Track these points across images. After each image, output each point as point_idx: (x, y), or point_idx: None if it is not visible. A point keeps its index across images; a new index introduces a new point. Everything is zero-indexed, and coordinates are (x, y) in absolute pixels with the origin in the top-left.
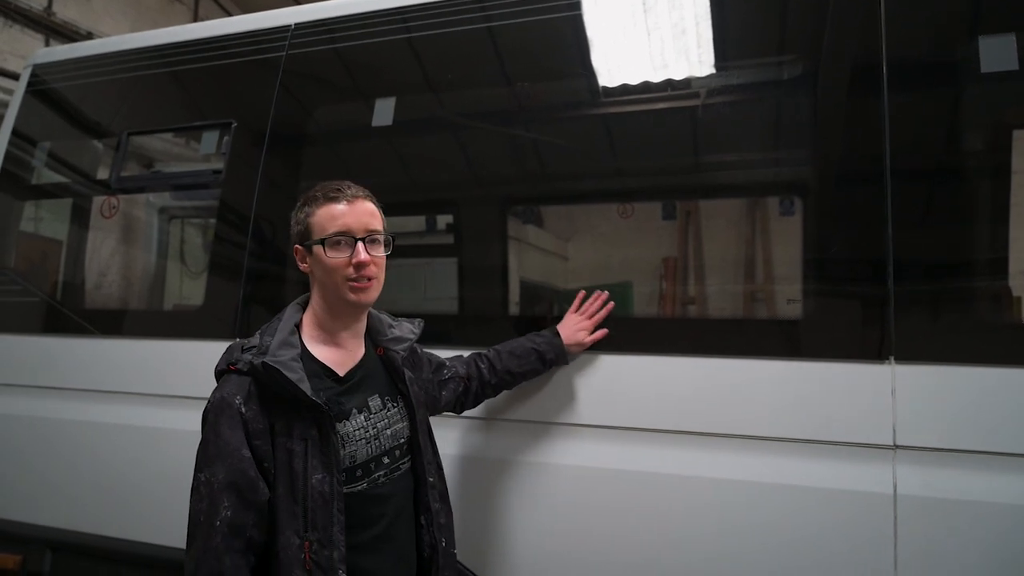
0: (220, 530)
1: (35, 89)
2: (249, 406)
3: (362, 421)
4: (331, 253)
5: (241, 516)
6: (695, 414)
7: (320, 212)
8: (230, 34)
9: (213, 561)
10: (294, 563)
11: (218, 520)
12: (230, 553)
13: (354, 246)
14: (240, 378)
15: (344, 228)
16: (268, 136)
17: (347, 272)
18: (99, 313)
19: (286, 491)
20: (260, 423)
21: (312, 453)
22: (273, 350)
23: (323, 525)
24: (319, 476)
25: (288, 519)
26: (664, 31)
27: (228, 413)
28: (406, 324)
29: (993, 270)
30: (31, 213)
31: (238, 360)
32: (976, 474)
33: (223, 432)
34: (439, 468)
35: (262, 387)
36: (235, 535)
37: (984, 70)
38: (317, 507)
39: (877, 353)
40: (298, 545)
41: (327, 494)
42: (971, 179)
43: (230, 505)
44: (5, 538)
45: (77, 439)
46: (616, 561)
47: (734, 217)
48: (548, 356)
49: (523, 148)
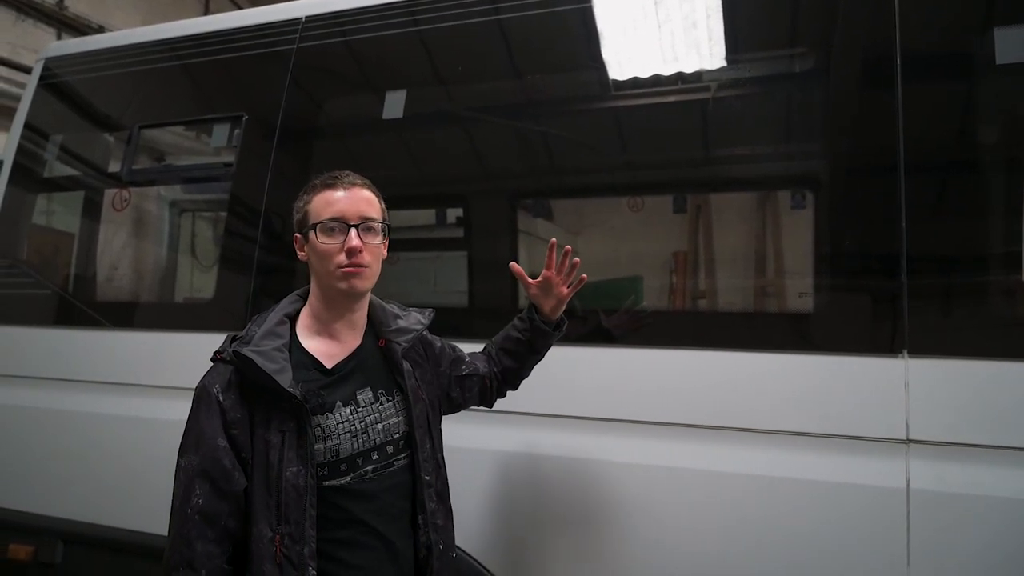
0: (191, 517)
1: (47, 83)
2: (227, 395)
3: (347, 414)
4: (323, 239)
5: (214, 505)
6: (705, 408)
7: (317, 199)
8: (241, 27)
9: (184, 547)
10: (265, 556)
11: (189, 507)
12: (201, 540)
13: (347, 232)
14: (223, 367)
15: (338, 214)
16: (279, 129)
17: (339, 259)
18: (110, 305)
19: (261, 482)
20: (238, 412)
21: (288, 445)
22: (256, 340)
23: (295, 519)
24: (294, 469)
25: (262, 511)
26: (675, 24)
27: (206, 401)
28: (415, 315)
29: (1007, 264)
30: (43, 206)
31: (223, 349)
32: (989, 468)
33: (200, 419)
34: (438, 466)
35: (242, 377)
36: (208, 523)
37: (1000, 62)
38: (290, 501)
39: (890, 347)
40: (270, 538)
41: (301, 488)
42: (985, 172)
43: (202, 493)
44: (18, 529)
45: (88, 431)
46: (628, 554)
47: (745, 211)
48: (537, 343)
49: (533, 142)
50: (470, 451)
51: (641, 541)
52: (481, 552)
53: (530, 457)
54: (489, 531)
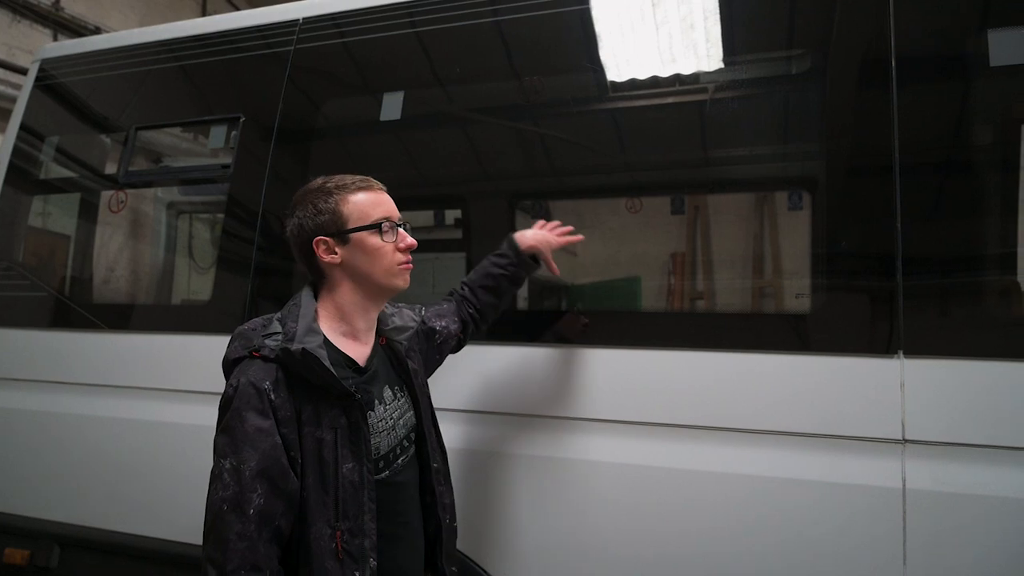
0: (253, 519)
1: (43, 84)
2: (278, 393)
3: (382, 412)
4: (386, 238)
5: (272, 504)
6: (701, 408)
7: (356, 199)
8: (238, 28)
9: (246, 551)
10: (326, 553)
11: (251, 508)
12: (263, 541)
13: (397, 231)
14: (266, 364)
15: (388, 214)
16: (276, 130)
17: (397, 256)
18: (107, 308)
19: (316, 481)
20: (288, 411)
21: (342, 442)
22: (300, 337)
23: (354, 514)
24: (349, 465)
25: (319, 509)
26: (672, 25)
27: (256, 399)
28: (407, 311)
29: (1002, 264)
30: (39, 208)
31: (261, 346)
32: (985, 468)
33: (250, 418)
34: (443, 453)
35: (289, 374)
36: (266, 524)
37: (994, 64)
38: (348, 496)
39: (886, 347)
40: (329, 535)
41: (357, 483)
42: (980, 173)
43: (262, 493)
44: (13, 533)
45: (85, 434)
46: (626, 556)
47: (743, 212)
48: (520, 275)
49: (531, 142)
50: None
51: (636, 542)
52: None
53: (539, 460)
54: (486, 533)
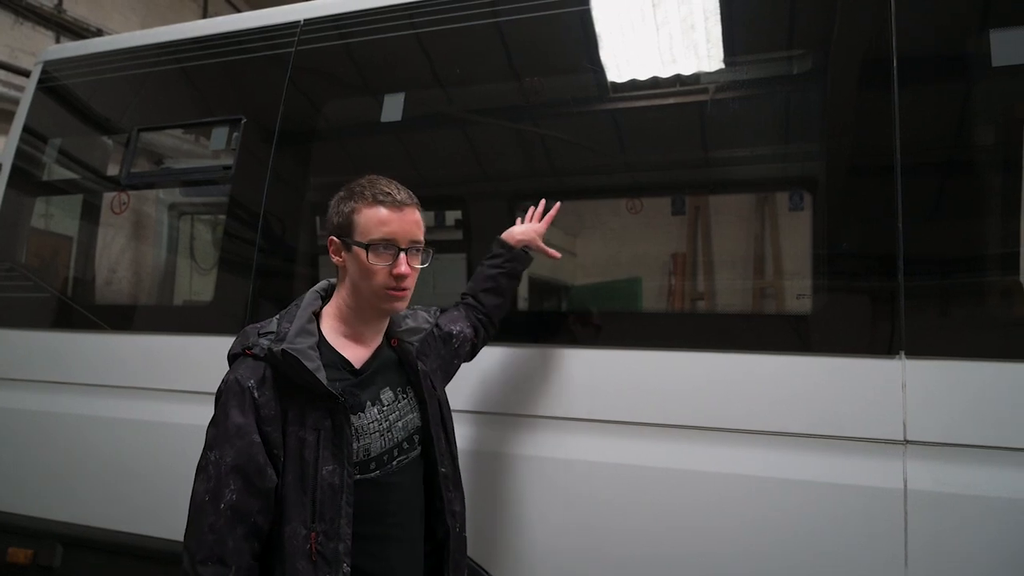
0: (224, 513)
1: (45, 86)
2: (262, 391)
3: (376, 414)
4: (373, 259)
5: (246, 501)
6: (702, 409)
7: (367, 212)
8: (239, 30)
9: (214, 542)
10: (299, 553)
11: (223, 503)
12: (233, 536)
13: (396, 256)
14: (255, 362)
15: (390, 236)
16: (277, 132)
17: (386, 280)
18: (109, 309)
19: (295, 480)
20: (272, 409)
21: (324, 444)
22: (291, 337)
23: (330, 517)
24: (329, 467)
25: (295, 509)
26: (673, 26)
27: (240, 396)
28: (421, 313)
29: (1004, 265)
30: (42, 209)
31: (254, 344)
32: (986, 469)
33: (233, 415)
34: (453, 458)
35: (277, 373)
36: (239, 519)
37: (996, 64)
38: (326, 498)
39: (887, 348)
40: (304, 535)
41: (336, 486)
42: (982, 174)
43: (235, 489)
44: (16, 532)
45: (87, 435)
46: (630, 556)
47: (744, 212)
48: (517, 269)
49: (532, 144)
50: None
51: (638, 542)
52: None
53: (538, 460)
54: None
